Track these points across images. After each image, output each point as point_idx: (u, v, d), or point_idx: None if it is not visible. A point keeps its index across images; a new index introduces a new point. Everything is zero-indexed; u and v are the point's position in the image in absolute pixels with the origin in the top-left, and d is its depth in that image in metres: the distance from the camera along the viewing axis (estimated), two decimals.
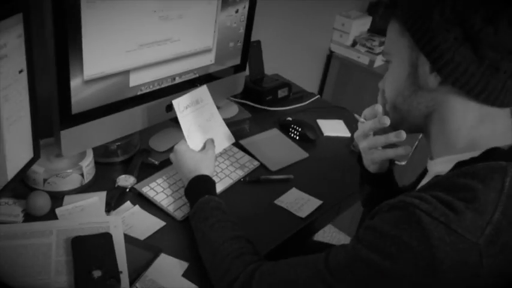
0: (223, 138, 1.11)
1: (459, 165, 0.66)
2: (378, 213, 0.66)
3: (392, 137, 0.78)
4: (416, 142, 1.02)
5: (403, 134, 0.77)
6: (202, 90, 1.08)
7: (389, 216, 0.63)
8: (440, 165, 0.70)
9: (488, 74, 0.62)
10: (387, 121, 0.78)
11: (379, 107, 0.82)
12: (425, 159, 0.77)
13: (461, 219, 0.58)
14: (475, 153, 0.66)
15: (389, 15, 0.72)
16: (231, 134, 1.12)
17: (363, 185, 1.00)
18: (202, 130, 1.06)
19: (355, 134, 0.88)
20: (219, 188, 1.05)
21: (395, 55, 0.72)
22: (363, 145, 0.87)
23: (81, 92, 0.91)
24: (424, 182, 0.76)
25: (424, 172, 0.81)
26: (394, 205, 0.63)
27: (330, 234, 2.18)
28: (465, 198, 0.60)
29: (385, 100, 0.77)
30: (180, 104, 1.01)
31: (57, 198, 0.96)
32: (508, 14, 0.60)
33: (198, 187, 0.94)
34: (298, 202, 1.08)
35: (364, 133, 0.85)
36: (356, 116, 0.88)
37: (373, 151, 0.87)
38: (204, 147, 1.04)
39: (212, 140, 1.06)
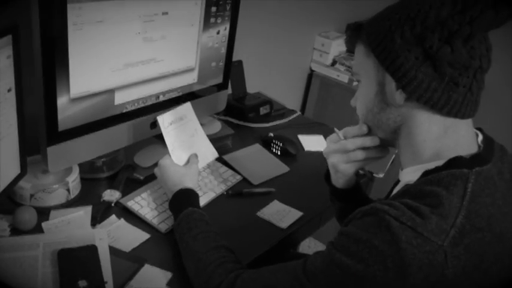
0: (206, 153, 1.14)
1: (426, 174, 0.70)
2: (352, 220, 0.70)
3: (368, 141, 0.82)
4: (393, 156, 1.07)
5: (377, 139, 0.81)
6: (186, 107, 1.12)
7: (361, 222, 0.67)
8: (409, 175, 0.75)
9: (449, 89, 0.68)
10: (366, 128, 0.81)
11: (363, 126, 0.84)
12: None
13: (427, 223, 0.62)
14: (440, 162, 0.70)
15: (355, 38, 0.77)
16: (214, 149, 1.16)
17: (333, 201, 1.04)
18: (186, 145, 1.10)
19: (324, 150, 0.91)
20: (203, 201, 1.09)
21: (363, 75, 0.77)
22: (332, 160, 0.89)
23: (68, 110, 0.95)
24: (395, 191, 0.80)
25: (397, 182, 0.85)
26: (366, 212, 0.68)
27: (316, 249, 2.20)
28: (431, 203, 0.64)
29: (358, 117, 0.82)
30: (165, 120, 1.05)
31: (44, 213, 0.98)
32: (462, 34, 0.65)
33: (183, 200, 0.98)
34: (280, 214, 1.11)
35: (337, 150, 0.87)
36: (336, 129, 0.90)
37: (345, 161, 0.88)
38: (188, 162, 1.08)
39: (196, 155, 1.09)
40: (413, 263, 0.60)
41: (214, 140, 1.30)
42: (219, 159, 1.25)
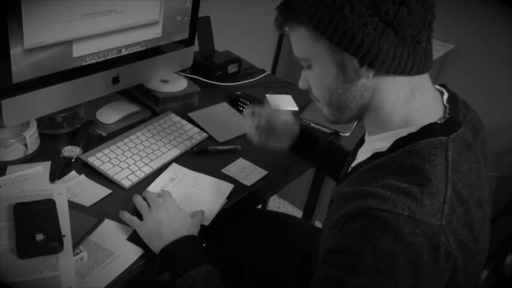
0: (218, 191, 1.02)
1: (399, 142, 0.68)
2: (335, 227, 0.64)
3: None
4: None
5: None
6: (172, 169, 1.05)
7: (353, 230, 0.61)
8: (378, 142, 0.72)
9: (412, 49, 0.65)
10: None
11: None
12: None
13: (423, 207, 0.59)
14: (413, 129, 0.68)
15: (291, 21, 0.69)
16: (226, 183, 1.05)
17: (313, 162, 1.07)
18: (191, 197, 0.99)
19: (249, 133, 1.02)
20: (168, 157, 1.07)
21: (314, 60, 0.70)
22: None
23: (22, 61, 0.90)
24: (363, 154, 0.76)
25: (362, 141, 0.83)
26: (352, 214, 0.62)
27: (285, 209, 2.25)
28: (417, 182, 0.62)
29: (316, 99, 0.76)
30: (153, 189, 0.98)
31: (1, 168, 0.95)
32: None
33: (191, 251, 0.83)
34: (245, 171, 1.11)
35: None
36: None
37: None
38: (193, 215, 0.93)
39: (202, 212, 0.94)
40: (423, 252, 0.58)
41: (179, 97, 1.28)
42: (184, 117, 1.23)
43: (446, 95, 0.75)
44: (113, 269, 0.80)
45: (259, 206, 1.79)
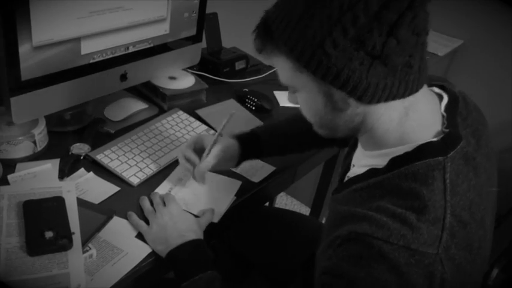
0: (227, 189, 1.02)
1: (394, 161, 0.65)
2: (330, 247, 0.63)
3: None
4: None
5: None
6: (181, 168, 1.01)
7: (347, 254, 0.60)
8: (374, 159, 0.70)
9: (404, 75, 0.61)
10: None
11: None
12: None
13: (419, 236, 0.57)
14: (408, 148, 0.65)
15: (271, 48, 0.64)
16: (234, 180, 1.05)
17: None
18: (200, 196, 0.99)
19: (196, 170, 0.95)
20: (176, 154, 1.07)
21: (300, 88, 0.67)
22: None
23: (31, 59, 0.91)
24: (358, 168, 0.74)
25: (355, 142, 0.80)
26: (346, 238, 0.60)
27: (292, 206, 2.24)
28: (414, 208, 0.59)
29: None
30: (161, 191, 0.97)
31: (10, 165, 0.96)
32: (405, 21, 0.57)
33: (196, 256, 0.83)
34: (253, 168, 1.11)
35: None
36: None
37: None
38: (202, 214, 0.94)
39: (212, 210, 0.94)
40: (418, 281, 0.56)
41: (187, 94, 1.28)
42: (192, 114, 1.23)
43: (445, 100, 0.71)
44: (121, 266, 0.80)
45: (267, 204, 1.79)
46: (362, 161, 0.74)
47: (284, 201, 2.26)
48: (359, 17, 0.56)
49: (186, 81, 1.31)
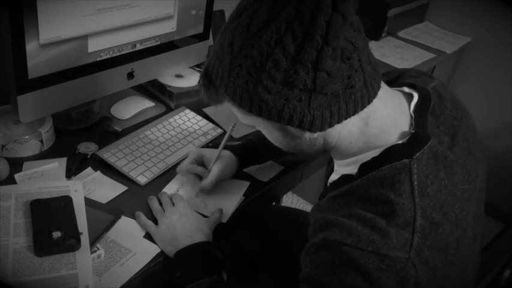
0: (235, 189, 1.01)
1: (363, 167, 0.66)
2: (308, 254, 0.64)
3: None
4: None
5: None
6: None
7: (320, 261, 0.61)
8: (345, 168, 0.71)
9: (349, 95, 0.60)
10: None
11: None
12: None
13: (388, 241, 0.57)
14: (375, 153, 0.65)
15: (215, 93, 0.66)
16: (242, 181, 1.03)
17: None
18: (209, 197, 0.98)
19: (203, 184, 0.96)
20: (183, 153, 1.06)
21: (257, 126, 0.68)
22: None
23: (38, 57, 0.90)
24: (335, 176, 0.74)
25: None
26: (319, 245, 0.61)
27: (299, 205, 2.23)
28: (383, 213, 0.59)
29: None
30: (168, 190, 0.97)
31: (17, 164, 0.95)
32: (327, 53, 0.56)
33: (203, 259, 0.82)
34: (261, 167, 1.10)
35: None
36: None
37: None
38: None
39: (221, 211, 0.93)
40: (390, 286, 0.56)
41: (194, 92, 1.27)
42: (200, 113, 1.22)
43: (415, 100, 0.69)
44: (130, 267, 0.79)
45: (273, 203, 1.78)
46: (338, 168, 0.74)
47: (290, 200, 2.25)
48: (281, 61, 0.57)
49: (193, 79, 1.30)
